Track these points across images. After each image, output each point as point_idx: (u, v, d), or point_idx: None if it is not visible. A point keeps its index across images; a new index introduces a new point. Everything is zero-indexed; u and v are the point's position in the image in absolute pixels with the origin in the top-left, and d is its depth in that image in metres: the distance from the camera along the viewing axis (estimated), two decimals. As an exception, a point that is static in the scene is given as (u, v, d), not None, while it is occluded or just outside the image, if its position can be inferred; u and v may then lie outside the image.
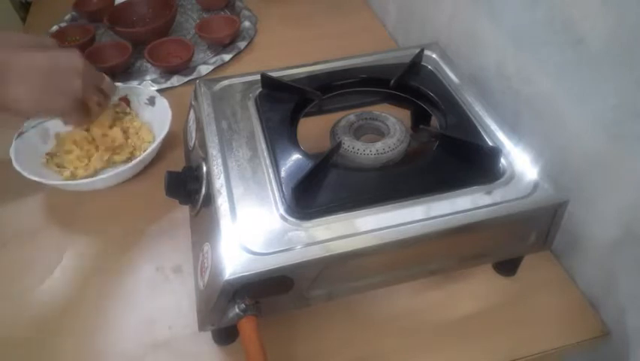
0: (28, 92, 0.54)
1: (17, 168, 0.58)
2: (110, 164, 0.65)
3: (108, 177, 0.60)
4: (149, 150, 0.62)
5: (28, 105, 0.55)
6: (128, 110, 0.69)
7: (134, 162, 0.60)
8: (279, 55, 0.85)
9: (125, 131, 0.67)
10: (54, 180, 0.61)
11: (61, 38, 0.87)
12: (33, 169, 0.60)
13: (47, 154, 0.64)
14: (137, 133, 0.67)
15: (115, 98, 0.67)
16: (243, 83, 0.58)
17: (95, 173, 0.63)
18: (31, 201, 0.63)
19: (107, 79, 0.63)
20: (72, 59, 0.57)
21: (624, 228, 0.46)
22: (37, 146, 0.64)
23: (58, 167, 0.63)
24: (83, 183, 0.60)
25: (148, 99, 0.69)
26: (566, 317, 0.50)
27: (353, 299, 0.51)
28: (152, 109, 0.69)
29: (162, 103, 0.67)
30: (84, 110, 0.60)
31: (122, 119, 0.67)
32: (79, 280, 0.55)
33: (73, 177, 0.62)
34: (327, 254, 0.40)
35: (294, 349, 0.48)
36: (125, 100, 0.70)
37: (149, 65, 0.84)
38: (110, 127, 0.65)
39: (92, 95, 0.60)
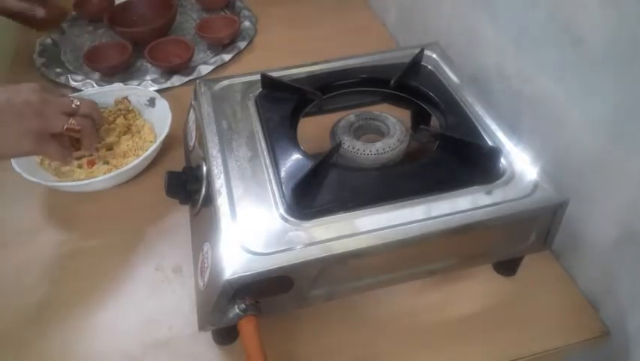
0: None
1: (17, 169, 0.58)
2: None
3: (108, 178, 0.59)
4: (148, 152, 0.61)
5: None
6: (130, 107, 0.69)
7: (134, 163, 0.60)
8: (279, 55, 0.85)
9: (127, 129, 0.67)
10: (53, 182, 0.61)
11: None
12: (32, 169, 0.60)
13: None
14: (139, 132, 0.67)
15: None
16: (243, 83, 0.58)
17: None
18: (31, 201, 0.63)
19: (83, 101, 0.57)
20: (25, 95, 0.52)
21: (624, 228, 0.46)
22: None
23: (55, 168, 0.63)
24: (83, 185, 0.60)
25: (148, 100, 0.69)
26: (566, 317, 0.50)
27: (353, 299, 0.51)
28: (151, 110, 0.69)
29: (162, 104, 0.67)
30: (63, 148, 0.56)
31: (126, 117, 0.68)
32: (78, 280, 0.55)
33: (71, 177, 0.62)
34: (327, 254, 0.40)
35: (294, 349, 0.48)
36: (125, 101, 0.70)
37: (149, 65, 0.84)
38: (118, 135, 0.66)
39: (59, 125, 0.54)
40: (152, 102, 0.69)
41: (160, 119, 0.66)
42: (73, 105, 0.56)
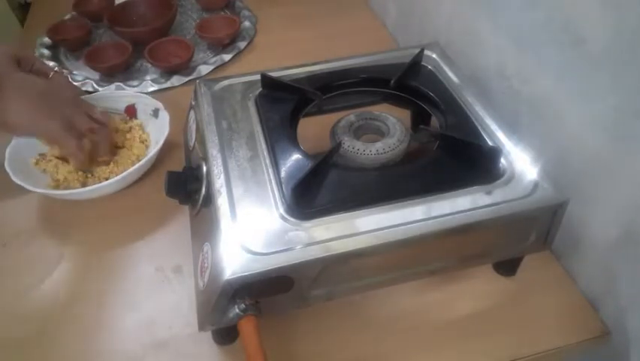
0: (23, 108, 0.56)
1: (8, 170, 0.58)
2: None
3: (106, 185, 0.58)
4: (145, 159, 0.61)
5: (22, 120, 0.56)
6: (127, 119, 0.68)
7: (129, 170, 0.59)
8: (279, 55, 0.85)
9: (124, 143, 0.66)
10: (48, 189, 0.60)
11: (57, 33, 0.89)
12: (29, 171, 0.60)
13: (40, 155, 0.63)
14: (143, 142, 0.67)
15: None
16: (243, 83, 0.58)
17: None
18: (31, 201, 0.62)
19: (99, 109, 0.63)
20: (64, 85, 0.61)
21: (624, 228, 0.46)
22: (36, 147, 0.63)
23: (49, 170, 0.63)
24: (77, 193, 0.59)
25: (153, 111, 0.68)
26: (566, 317, 0.50)
27: (353, 299, 0.51)
28: (154, 121, 0.68)
29: (164, 116, 0.66)
30: (81, 143, 0.60)
31: (123, 129, 0.67)
32: (78, 280, 0.55)
33: (66, 184, 0.62)
34: (327, 254, 0.40)
35: (294, 349, 0.48)
36: (132, 109, 0.69)
37: (149, 65, 0.84)
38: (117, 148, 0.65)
39: (83, 123, 0.60)
40: (156, 113, 0.68)
41: (159, 131, 0.65)
42: (96, 112, 0.63)
